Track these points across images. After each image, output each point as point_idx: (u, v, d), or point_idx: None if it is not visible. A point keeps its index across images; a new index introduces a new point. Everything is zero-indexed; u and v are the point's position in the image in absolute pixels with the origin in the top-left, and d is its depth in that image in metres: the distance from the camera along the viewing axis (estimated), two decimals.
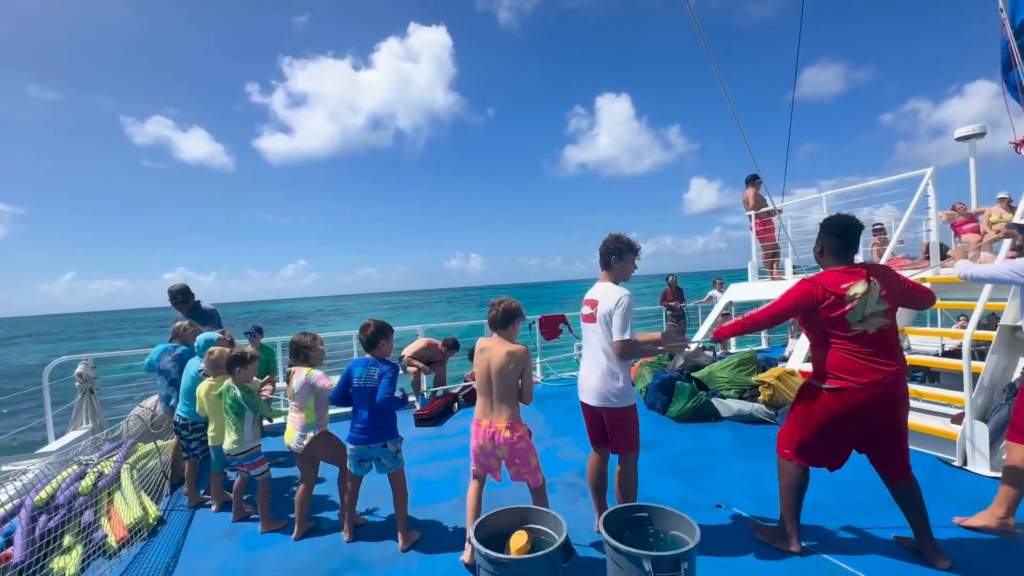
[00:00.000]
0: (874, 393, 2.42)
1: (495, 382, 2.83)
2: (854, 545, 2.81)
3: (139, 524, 3.35)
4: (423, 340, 7.05)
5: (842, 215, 2.65)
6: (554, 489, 3.83)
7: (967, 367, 3.77)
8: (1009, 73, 3.95)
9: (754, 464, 4.10)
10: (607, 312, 2.79)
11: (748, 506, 3.35)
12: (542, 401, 6.72)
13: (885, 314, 2.45)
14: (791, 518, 2.74)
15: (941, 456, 3.96)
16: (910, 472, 2.57)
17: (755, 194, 7.72)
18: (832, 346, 2.53)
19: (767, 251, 7.70)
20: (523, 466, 2.85)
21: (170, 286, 4.75)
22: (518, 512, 2.44)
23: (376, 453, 3.06)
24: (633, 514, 2.39)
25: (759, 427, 5.08)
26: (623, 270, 2.92)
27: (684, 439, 4.82)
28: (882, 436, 2.54)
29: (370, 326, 3.15)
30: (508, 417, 2.81)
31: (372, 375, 3.06)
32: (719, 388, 5.62)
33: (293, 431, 3.33)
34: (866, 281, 2.45)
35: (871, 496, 3.27)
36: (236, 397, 3.39)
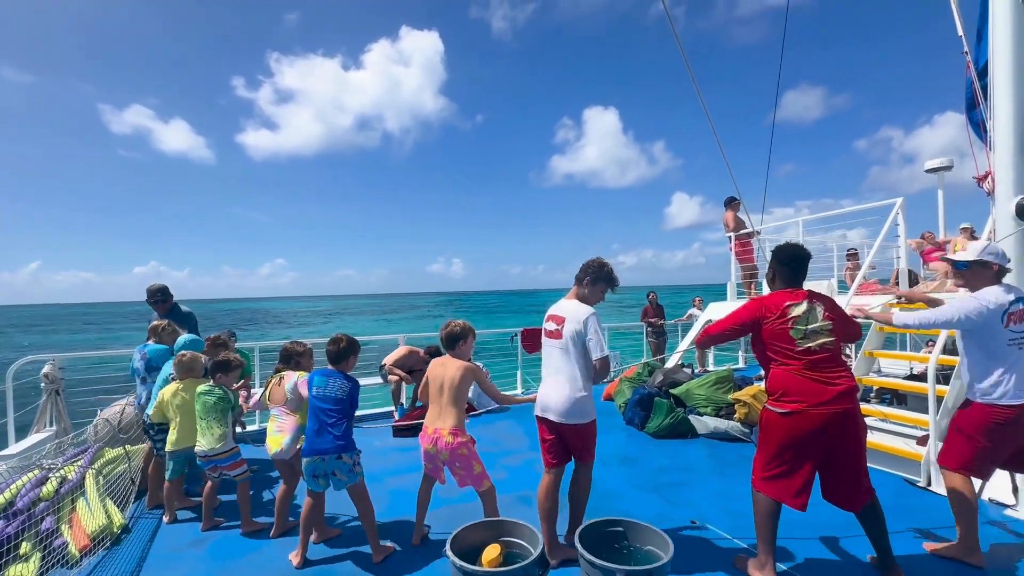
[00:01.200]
0: (827, 413, 2.47)
1: (445, 392, 3.06)
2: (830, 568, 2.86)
3: (103, 532, 3.24)
4: (404, 348, 6.99)
5: (792, 245, 2.81)
6: (531, 503, 3.82)
7: (932, 391, 3.91)
8: (973, 112, 4.17)
9: (729, 482, 4.16)
10: (576, 331, 2.79)
11: (723, 523, 3.39)
12: (521, 415, 6.71)
13: (829, 332, 2.55)
14: (765, 546, 2.70)
15: (907, 476, 4.08)
16: (872, 495, 2.61)
17: (734, 216, 7.93)
18: (781, 366, 2.61)
19: (745, 271, 7.89)
20: (465, 471, 3.00)
21: (149, 285, 4.69)
22: (494, 525, 2.44)
23: (331, 466, 2.95)
24: (608, 528, 2.41)
25: (735, 444, 5.16)
26: (592, 295, 2.95)
27: (661, 455, 4.87)
28: (839, 461, 2.56)
29: (342, 340, 3.14)
30: (452, 424, 3.01)
31: (331, 387, 3.02)
32: (696, 405, 5.70)
33: (281, 436, 3.25)
34: (808, 302, 2.61)
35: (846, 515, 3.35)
36: (221, 396, 3.37)
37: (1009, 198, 3.81)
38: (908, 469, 4.10)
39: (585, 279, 2.94)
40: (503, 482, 4.25)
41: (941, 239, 8.02)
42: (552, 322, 2.94)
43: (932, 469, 3.90)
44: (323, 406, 2.99)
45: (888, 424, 4.78)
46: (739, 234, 7.71)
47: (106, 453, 4.29)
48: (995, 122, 3.87)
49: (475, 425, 6.13)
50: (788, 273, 2.74)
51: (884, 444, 4.29)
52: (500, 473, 4.47)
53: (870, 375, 5.20)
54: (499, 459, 4.83)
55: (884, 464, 4.24)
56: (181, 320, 4.65)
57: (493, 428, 6.03)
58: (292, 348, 3.56)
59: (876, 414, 4.78)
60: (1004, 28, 3.80)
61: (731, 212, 7.99)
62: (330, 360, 3.13)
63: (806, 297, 2.65)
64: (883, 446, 4.28)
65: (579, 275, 2.99)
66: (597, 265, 2.95)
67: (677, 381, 6.23)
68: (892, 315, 3.11)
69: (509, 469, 4.58)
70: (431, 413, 3.14)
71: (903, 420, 4.53)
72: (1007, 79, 3.79)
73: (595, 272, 2.93)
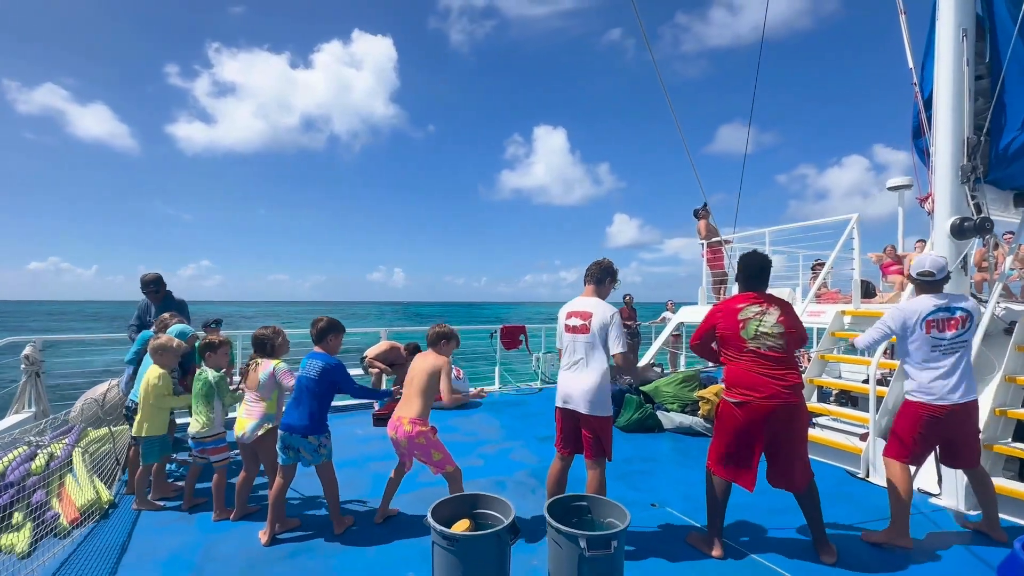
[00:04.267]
0: (772, 405, 2.78)
1: (414, 383, 3.26)
2: (770, 544, 3.17)
3: (91, 506, 3.36)
4: (386, 343, 7.17)
5: (755, 254, 3.10)
6: (506, 487, 4.08)
7: (872, 391, 4.29)
8: (919, 139, 4.58)
9: (690, 472, 4.47)
10: (603, 325, 3.00)
11: (681, 507, 3.69)
12: (500, 408, 6.96)
13: (780, 336, 2.85)
14: (714, 524, 3.03)
15: (848, 469, 4.46)
16: (809, 480, 2.91)
17: (707, 225, 8.32)
18: (733, 361, 2.94)
19: (716, 278, 8.28)
20: (424, 458, 3.20)
21: (143, 275, 4.83)
22: (468, 499, 2.67)
23: (297, 443, 3.13)
24: (573, 503, 2.67)
25: (697, 439, 5.49)
26: (608, 290, 3.24)
27: (629, 447, 5.17)
28: (783, 447, 2.88)
29: (321, 321, 3.34)
30: (414, 414, 3.20)
31: (313, 367, 3.20)
32: (664, 402, 6.03)
33: (247, 421, 3.33)
34: (760, 305, 2.91)
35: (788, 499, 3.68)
36: (208, 381, 3.47)
37: (945, 218, 4.22)
38: (850, 462, 4.48)
39: (607, 279, 3.20)
40: (479, 468, 4.50)
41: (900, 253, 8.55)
42: (577, 318, 3.09)
43: (870, 461, 4.28)
44: (300, 385, 3.20)
45: (839, 423, 5.17)
46: (711, 241, 8.10)
47: (90, 433, 4.38)
48: (936, 149, 4.28)
49: (453, 416, 6.35)
50: (747, 277, 3.06)
51: (829, 439, 4.67)
52: (476, 461, 4.70)
53: (823, 376, 5.59)
54: (476, 448, 5.06)
55: (829, 457, 4.62)
56: (174, 309, 4.77)
57: (470, 420, 6.25)
58: (263, 335, 3.47)
59: (828, 412, 5.16)
60: (947, 65, 4.20)
61: (703, 221, 8.37)
62: (313, 342, 3.32)
63: (761, 301, 2.95)
64: (829, 440, 4.65)
65: (599, 276, 3.19)
66: (610, 264, 3.23)
67: (647, 379, 6.56)
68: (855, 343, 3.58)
69: (485, 457, 4.81)
70: (400, 402, 3.34)
71: (850, 418, 4.92)
72: (947, 112, 4.20)
73: (612, 271, 3.22)
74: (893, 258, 8.47)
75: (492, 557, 2.29)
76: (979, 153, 4.10)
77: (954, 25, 4.16)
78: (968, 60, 4.12)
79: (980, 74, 4.25)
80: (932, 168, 4.31)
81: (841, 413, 5.01)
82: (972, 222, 4.05)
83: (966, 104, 4.14)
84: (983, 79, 4.25)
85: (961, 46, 4.14)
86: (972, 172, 4.10)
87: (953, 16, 4.17)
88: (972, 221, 4.05)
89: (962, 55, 4.13)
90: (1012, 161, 4.10)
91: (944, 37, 4.21)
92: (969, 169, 4.11)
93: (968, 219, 4.08)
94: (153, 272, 4.85)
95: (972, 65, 4.15)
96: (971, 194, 4.12)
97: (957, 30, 4.15)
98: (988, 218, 4.05)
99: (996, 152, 4.13)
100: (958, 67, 4.15)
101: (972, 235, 4.12)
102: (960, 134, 4.16)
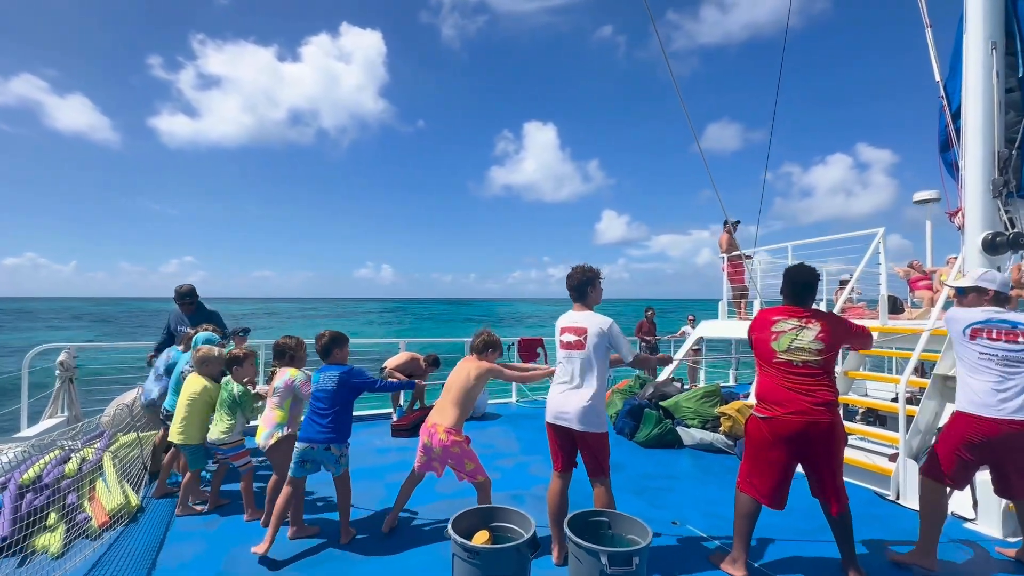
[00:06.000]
0: (800, 421, 2.70)
1: (453, 390, 3.30)
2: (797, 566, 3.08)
3: (120, 510, 3.45)
4: (406, 354, 7.23)
5: (800, 267, 3.00)
6: (524, 501, 4.06)
7: (902, 410, 4.17)
8: (946, 152, 4.50)
9: (711, 489, 4.39)
10: (600, 340, 2.93)
11: (701, 524, 3.62)
12: (516, 421, 6.94)
13: (818, 352, 2.76)
14: (739, 544, 2.92)
15: (878, 490, 4.31)
16: (842, 506, 2.79)
17: (729, 239, 8.23)
18: (763, 373, 2.90)
19: (736, 292, 8.17)
20: (458, 468, 3.24)
21: (178, 286, 5.02)
22: (488, 511, 2.68)
23: (319, 456, 3.16)
24: (593, 518, 2.65)
25: (718, 456, 5.39)
26: (597, 296, 3.15)
27: (648, 463, 5.10)
28: (815, 466, 2.80)
29: (324, 336, 3.38)
30: (449, 423, 3.23)
31: (323, 380, 3.25)
32: (684, 417, 5.94)
33: (263, 428, 3.44)
34: (800, 319, 2.84)
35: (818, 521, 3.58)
36: (234, 393, 3.58)
37: (977, 233, 4.11)
38: (880, 483, 4.34)
39: (587, 288, 3.08)
40: (497, 481, 4.45)
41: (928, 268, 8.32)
42: (571, 333, 3.01)
43: (901, 484, 4.14)
44: (316, 398, 3.24)
45: (867, 442, 5.02)
46: (732, 256, 8.01)
47: (120, 438, 4.51)
48: (966, 163, 4.19)
49: (470, 429, 6.33)
50: (790, 290, 2.97)
51: (858, 460, 4.53)
52: (494, 474, 4.62)
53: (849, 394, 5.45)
54: (493, 461, 5.05)
55: (858, 478, 4.48)
56: (205, 318, 4.92)
57: (487, 432, 6.25)
58: (285, 343, 3.65)
59: (856, 432, 5.02)
60: (976, 77, 4.13)
61: (727, 234, 8.29)
62: (321, 358, 3.38)
63: (800, 316, 2.86)
64: (857, 461, 4.52)
65: (578, 290, 3.09)
66: (583, 271, 3.10)
67: (667, 394, 6.47)
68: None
69: (503, 470, 4.80)
70: (435, 408, 3.39)
71: (879, 438, 4.78)
72: (977, 125, 4.12)
73: (590, 277, 3.09)
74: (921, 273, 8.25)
75: (512, 571, 2.29)
76: (1011, 167, 4.00)
77: (983, 38, 4.10)
78: (998, 73, 4.05)
79: (1011, 87, 4.17)
80: (962, 182, 4.22)
81: (869, 432, 4.87)
82: (1005, 237, 3.94)
83: (996, 117, 4.05)
84: (1014, 91, 4.17)
85: (991, 59, 4.07)
86: (1004, 186, 4.00)
87: (982, 29, 4.10)
88: (1005, 236, 3.95)
89: (992, 68, 4.06)
90: None
91: (973, 50, 4.15)
92: (1001, 183, 4.01)
93: (1001, 234, 3.97)
94: (188, 284, 5.04)
95: (1002, 78, 4.08)
96: (1004, 208, 4.02)
97: (986, 43, 4.08)
98: (1022, 233, 3.94)
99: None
100: (988, 80, 4.08)
101: (1005, 250, 4.01)
102: (991, 147, 4.07)
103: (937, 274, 7.77)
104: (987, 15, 4.10)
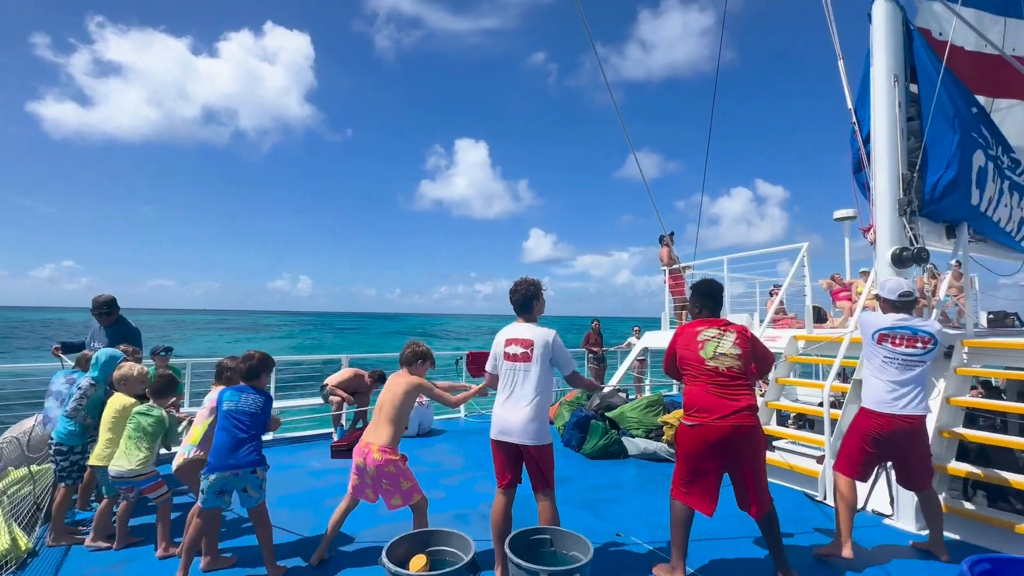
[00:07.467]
0: (728, 426, 2.81)
1: (385, 407, 3.18)
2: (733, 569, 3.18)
3: (6, 556, 3.04)
4: (349, 370, 6.93)
5: (710, 281, 3.27)
6: (469, 520, 3.94)
7: (827, 414, 4.42)
8: (859, 173, 4.89)
9: (654, 498, 4.45)
10: (546, 349, 2.94)
11: (645, 535, 3.65)
12: (465, 437, 6.80)
13: (738, 358, 2.93)
14: (677, 552, 2.98)
15: (807, 492, 4.54)
16: (766, 508, 2.92)
17: (669, 252, 8.56)
18: (692, 382, 2.98)
19: (678, 303, 8.47)
20: (393, 487, 3.08)
21: (97, 296, 4.51)
22: (425, 535, 2.56)
23: (244, 482, 2.93)
24: (534, 536, 2.59)
25: (662, 464, 5.50)
26: (541, 308, 3.16)
27: (595, 474, 5.12)
28: (741, 470, 2.91)
29: (255, 357, 3.18)
30: (384, 441, 3.09)
31: (245, 401, 3.04)
32: (629, 427, 6.04)
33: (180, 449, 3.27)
34: (719, 328, 3.02)
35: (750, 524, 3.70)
36: (160, 419, 3.31)
37: (887, 247, 4.47)
38: (809, 485, 4.57)
39: (533, 303, 3.09)
40: (441, 501, 4.34)
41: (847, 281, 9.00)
42: (518, 345, 2.99)
43: (827, 484, 4.38)
44: (238, 420, 2.97)
45: (797, 445, 5.29)
46: (672, 268, 8.32)
47: (10, 473, 4.01)
48: (876, 184, 4.57)
49: (416, 446, 6.15)
50: (705, 304, 3.18)
51: (788, 462, 4.76)
52: (438, 493, 4.54)
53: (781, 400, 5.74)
54: (439, 479, 4.90)
55: (789, 480, 4.70)
56: (127, 333, 4.49)
57: (434, 450, 6.08)
58: (226, 364, 3.54)
59: (786, 436, 5.28)
60: (882, 107, 4.53)
61: (666, 248, 8.61)
62: (242, 377, 3.15)
63: (719, 324, 3.06)
64: (788, 464, 4.74)
65: (523, 305, 3.09)
66: (527, 284, 3.10)
67: (612, 404, 6.56)
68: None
69: (447, 488, 4.66)
70: (369, 427, 3.23)
71: (808, 441, 5.04)
72: (884, 151, 4.50)
73: (534, 291, 3.10)
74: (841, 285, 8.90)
75: None
76: (913, 188, 4.40)
77: (886, 71, 4.51)
78: (900, 103, 4.46)
79: (911, 115, 4.60)
80: (872, 201, 4.59)
81: (799, 436, 5.14)
82: (910, 252, 4.31)
83: (899, 143, 4.45)
84: (914, 120, 4.60)
85: (893, 91, 4.48)
86: (908, 206, 4.38)
87: (885, 63, 4.52)
88: (910, 251, 4.31)
89: (895, 99, 4.47)
90: (942, 196, 4.41)
91: (879, 82, 4.55)
92: (905, 203, 4.39)
93: (907, 249, 4.34)
94: (107, 294, 4.56)
95: (904, 108, 4.49)
96: (908, 225, 4.40)
97: (889, 75, 4.49)
98: (924, 248, 4.32)
99: (927, 188, 4.44)
100: (892, 110, 4.48)
101: (910, 264, 4.38)
102: (896, 170, 4.45)
103: (854, 286, 8.42)
104: (889, 51, 4.52)
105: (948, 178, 4.34)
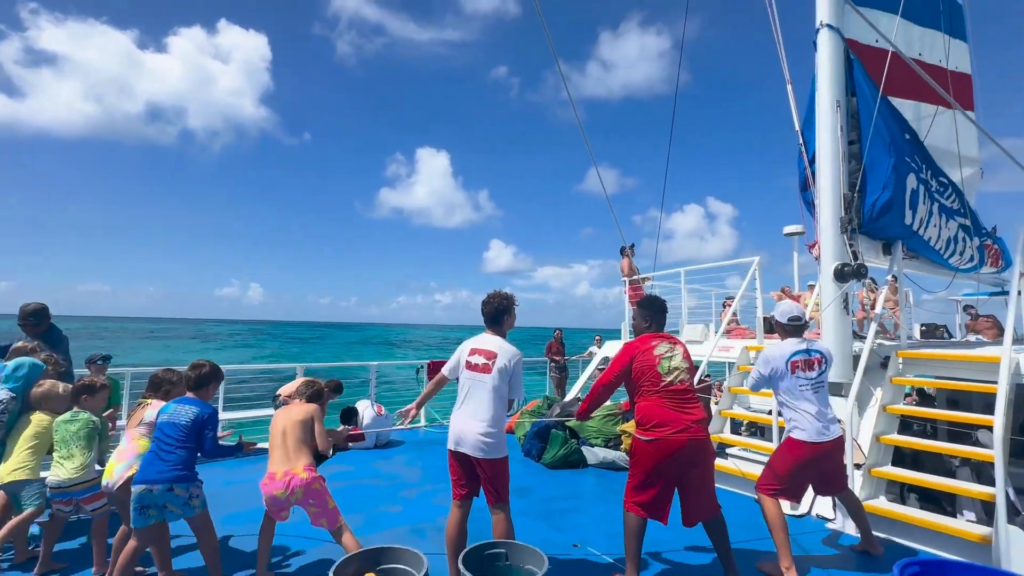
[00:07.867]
0: (684, 439, 2.89)
1: (290, 434, 3.05)
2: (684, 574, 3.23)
3: None
4: (302, 380, 6.69)
5: (653, 297, 3.43)
6: (425, 535, 3.85)
7: (775, 422, 4.60)
8: (805, 192, 5.16)
9: (612, 507, 4.47)
10: (506, 368, 2.93)
11: (603, 545, 3.67)
12: (424, 448, 6.68)
13: (687, 371, 3.05)
14: (631, 563, 3.01)
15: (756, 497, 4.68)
16: (717, 510, 3.02)
17: (629, 264, 8.74)
18: (648, 398, 3.01)
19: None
20: (319, 506, 2.97)
21: (24, 304, 4.04)
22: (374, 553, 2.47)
23: (160, 499, 2.73)
24: (489, 551, 2.55)
25: (620, 474, 5.55)
26: (511, 323, 3.17)
27: (554, 484, 5.12)
28: (693, 481, 2.98)
29: (204, 366, 3.05)
30: (306, 462, 2.99)
31: (183, 412, 2.87)
32: (588, 436, 6.08)
33: (116, 464, 2.99)
34: (669, 342, 3.12)
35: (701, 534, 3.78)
36: (92, 422, 3.08)
37: (831, 262, 4.72)
38: None
39: (504, 317, 3.09)
40: (398, 515, 4.24)
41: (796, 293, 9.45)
42: (480, 356, 2.98)
43: None
44: (165, 433, 2.81)
45: (749, 452, 5.46)
46: (632, 280, 8.50)
47: None
48: (820, 203, 4.82)
49: (374, 458, 6.00)
50: (656, 319, 3.26)
51: (740, 469, 4.91)
52: (396, 506, 4.43)
53: (734, 408, 5.94)
54: (397, 492, 4.78)
55: (741, 487, 4.84)
56: (55, 343, 4.13)
57: (392, 462, 5.93)
58: (164, 376, 3.32)
59: (738, 444, 5.45)
60: (825, 131, 4.80)
61: (626, 259, 8.80)
62: (189, 387, 3.00)
63: (668, 339, 3.16)
64: (739, 471, 4.89)
65: (493, 317, 3.09)
66: (501, 298, 3.12)
67: (572, 414, 6.59)
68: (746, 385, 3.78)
69: (405, 502, 4.55)
70: (276, 458, 3.02)
71: (759, 448, 5.22)
72: (827, 172, 4.77)
73: (506, 305, 3.11)
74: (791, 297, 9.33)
75: None
76: (853, 207, 4.67)
77: (829, 98, 4.79)
78: (842, 128, 4.74)
79: (852, 139, 4.89)
80: (817, 219, 4.84)
81: (750, 444, 5.31)
82: (851, 267, 4.56)
83: (841, 166, 4.72)
84: (855, 143, 4.89)
85: (836, 116, 4.75)
86: (849, 224, 4.65)
87: (828, 90, 4.80)
88: (851, 267, 4.57)
89: (837, 124, 4.75)
90: (879, 216, 4.70)
91: (823, 108, 4.83)
92: (846, 221, 4.65)
93: (848, 265, 4.59)
94: (35, 303, 4.07)
95: (845, 132, 4.78)
96: (849, 243, 4.66)
97: (832, 103, 4.77)
98: (864, 264, 4.59)
99: (866, 207, 4.72)
100: (834, 134, 4.75)
101: (851, 278, 4.64)
102: (838, 191, 4.72)
103: (802, 298, 8.85)
104: (832, 78, 4.81)
105: (884, 199, 4.63)
